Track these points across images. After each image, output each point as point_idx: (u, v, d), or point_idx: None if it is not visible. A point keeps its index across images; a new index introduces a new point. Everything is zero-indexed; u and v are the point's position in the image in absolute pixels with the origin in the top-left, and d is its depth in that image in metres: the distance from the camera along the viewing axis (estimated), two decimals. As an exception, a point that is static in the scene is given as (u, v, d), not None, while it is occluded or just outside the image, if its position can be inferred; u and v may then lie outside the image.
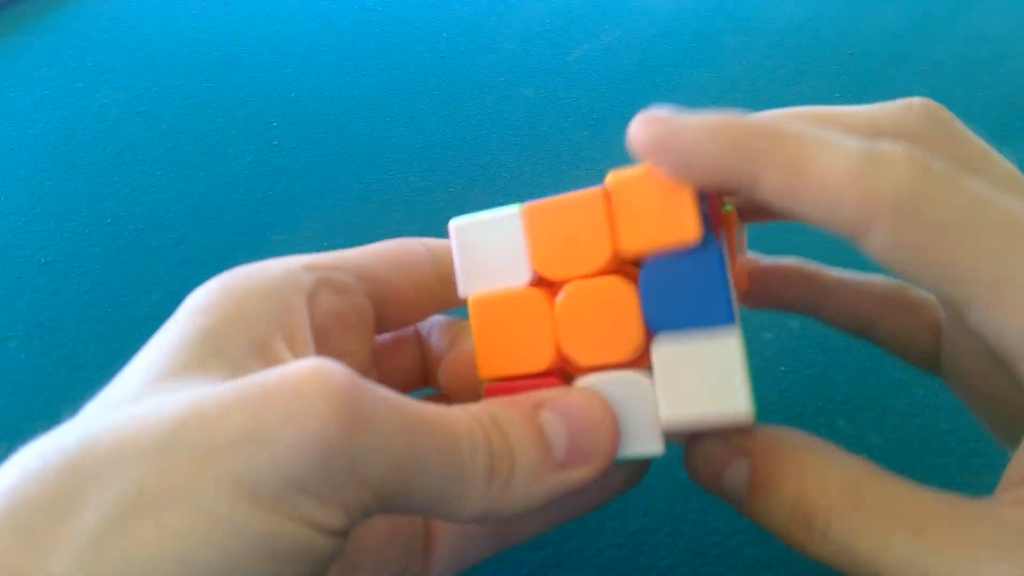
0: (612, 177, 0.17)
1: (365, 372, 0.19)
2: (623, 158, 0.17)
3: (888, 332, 0.20)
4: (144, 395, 0.14)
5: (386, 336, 0.21)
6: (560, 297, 0.17)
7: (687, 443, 0.18)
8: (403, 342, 0.21)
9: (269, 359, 0.15)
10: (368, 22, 0.53)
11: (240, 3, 0.55)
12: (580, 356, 0.17)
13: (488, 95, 0.46)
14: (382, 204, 0.38)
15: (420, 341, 0.21)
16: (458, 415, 0.15)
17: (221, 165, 0.41)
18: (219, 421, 0.13)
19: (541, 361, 0.17)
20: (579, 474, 0.16)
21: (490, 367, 0.17)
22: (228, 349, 0.15)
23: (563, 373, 0.17)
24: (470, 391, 0.19)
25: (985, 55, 0.50)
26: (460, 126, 0.43)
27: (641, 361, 0.16)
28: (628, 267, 0.17)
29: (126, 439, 0.13)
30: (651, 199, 0.16)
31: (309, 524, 0.13)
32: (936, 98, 0.17)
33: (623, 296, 0.16)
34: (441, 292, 0.19)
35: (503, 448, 0.15)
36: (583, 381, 0.17)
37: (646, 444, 0.16)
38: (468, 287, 0.18)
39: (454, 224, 0.18)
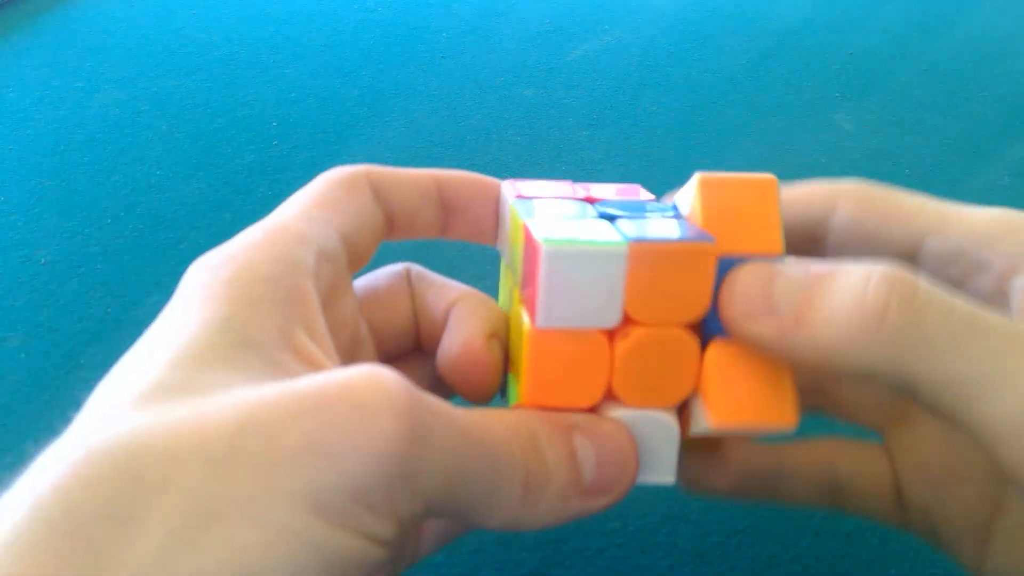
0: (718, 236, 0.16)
1: (358, 336, 0.19)
2: (623, 158, 0.17)
3: (852, 485, 0.20)
4: (178, 387, 0.13)
5: (379, 286, 0.20)
6: (627, 343, 0.16)
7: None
8: (395, 296, 0.20)
9: (296, 350, 0.15)
10: (368, 22, 0.53)
11: (240, 3, 0.55)
12: (630, 398, 0.17)
13: (488, 95, 0.46)
14: (382, 204, 0.38)
15: (412, 294, 0.20)
16: (500, 428, 0.15)
17: (221, 165, 0.41)
18: (282, 431, 0.12)
19: (589, 399, 0.17)
20: (600, 502, 0.16)
21: (535, 398, 0.17)
22: (256, 339, 0.14)
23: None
24: (476, 386, 0.19)
25: (985, 55, 0.50)
26: (460, 126, 0.43)
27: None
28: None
29: (186, 447, 0.12)
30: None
31: (367, 536, 0.13)
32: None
33: (688, 350, 0.16)
34: (386, 232, 0.19)
35: (539, 467, 0.15)
36: (614, 412, 0.17)
37: (661, 475, 0.17)
38: (550, 319, 0.16)
39: (549, 250, 0.16)
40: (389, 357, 0.20)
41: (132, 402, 0.13)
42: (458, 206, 0.20)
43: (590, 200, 0.19)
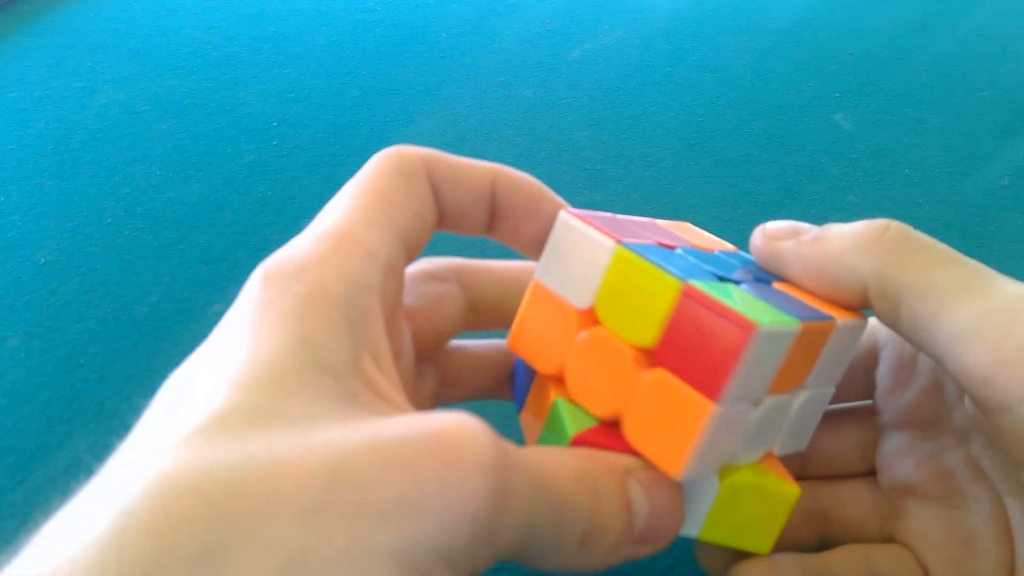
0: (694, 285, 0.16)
1: (403, 341, 0.19)
2: (623, 158, 0.17)
3: None
4: (261, 415, 0.13)
5: (426, 290, 0.20)
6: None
7: None
8: (442, 297, 0.20)
9: (365, 379, 0.14)
10: (368, 22, 0.53)
11: (240, 3, 0.55)
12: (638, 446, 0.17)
13: (488, 95, 0.46)
14: (382, 204, 0.38)
15: (464, 287, 0.21)
16: (567, 478, 0.15)
17: (221, 165, 0.41)
18: (375, 484, 0.12)
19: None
20: (646, 550, 0.17)
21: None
22: (332, 366, 0.14)
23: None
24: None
25: (985, 55, 0.50)
26: (460, 126, 0.43)
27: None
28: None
29: (278, 491, 0.12)
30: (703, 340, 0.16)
31: None
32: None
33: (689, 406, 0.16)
34: (436, 225, 0.19)
35: (599, 520, 0.16)
36: None
37: (689, 528, 0.18)
38: (543, 276, 0.18)
39: (563, 216, 0.18)
40: (418, 357, 0.20)
41: (210, 426, 0.13)
42: (509, 212, 0.19)
43: (667, 246, 0.19)
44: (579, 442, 0.17)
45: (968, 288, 0.17)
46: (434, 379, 0.21)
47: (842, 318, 0.18)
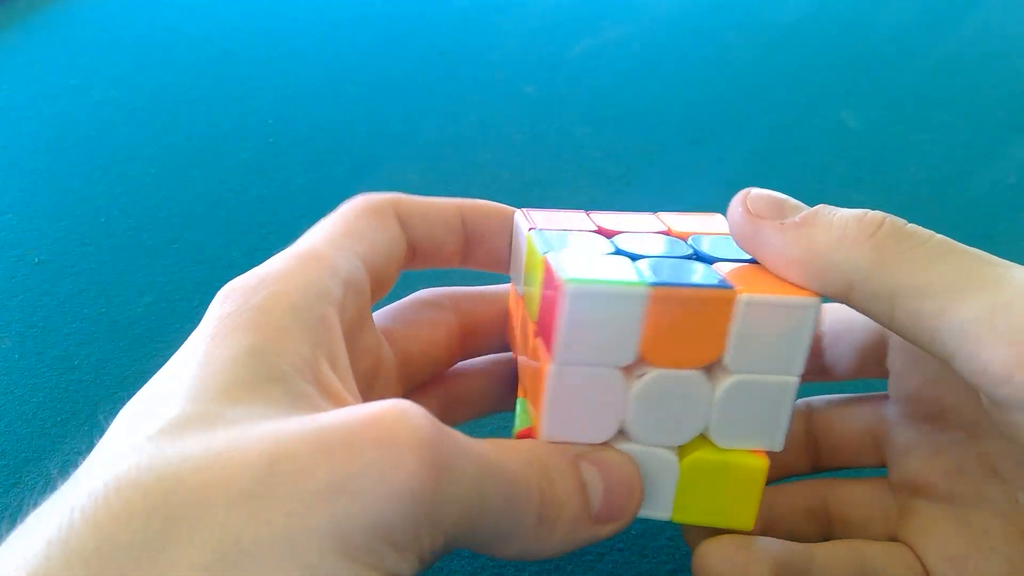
0: (743, 291, 0.17)
1: (379, 365, 0.19)
2: (624, 155, 0.17)
3: None
4: (204, 419, 0.13)
5: (418, 316, 0.21)
6: (640, 383, 0.17)
7: None
8: (432, 322, 0.21)
9: (319, 382, 0.15)
10: (366, 18, 0.53)
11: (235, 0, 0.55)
12: (642, 434, 0.18)
13: (488, 92, 0.45)
14: (380, 202, 0.38)
15: (457, 311, 0.21)
16: (516, 461, 0.16)
17: (216, 163, 0.40)
18: (309, 468, 0.13)
19: (603, 434, 0.17)
20: (608, 529, 0.17)
21: (551, 432, 0.17)
22: (280, 371, 0.14)
23: None
24: None
25: (992, 52, 0.50)
26: (459, 123, 0.43)
27: None
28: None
29: (215, 482, 0.12)
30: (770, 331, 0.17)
31: (389, 574, 0.13)
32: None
33: (700, 390, 0.17)
34: (409, 261, 0.20)
35: (552, 499, 0.16)
36: (620, 447, 0.18)
37: (659, 511, 0.18)
38: (568, 357, 0.17)
39: (572, 289, 0.16)
40: (414, 382, 0.21)
41: (158, 432, 0.13)
42: (479, 236, 0.20)
43: (605, 233, 0.19)
44: (522, 436, 0.18)
45: (974, 280, 0.15)
46: (438, 403, 0.22)
47: (780, 294, 0.17)
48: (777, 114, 0.45)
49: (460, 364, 0.23)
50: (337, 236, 0.18)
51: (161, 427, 0.13)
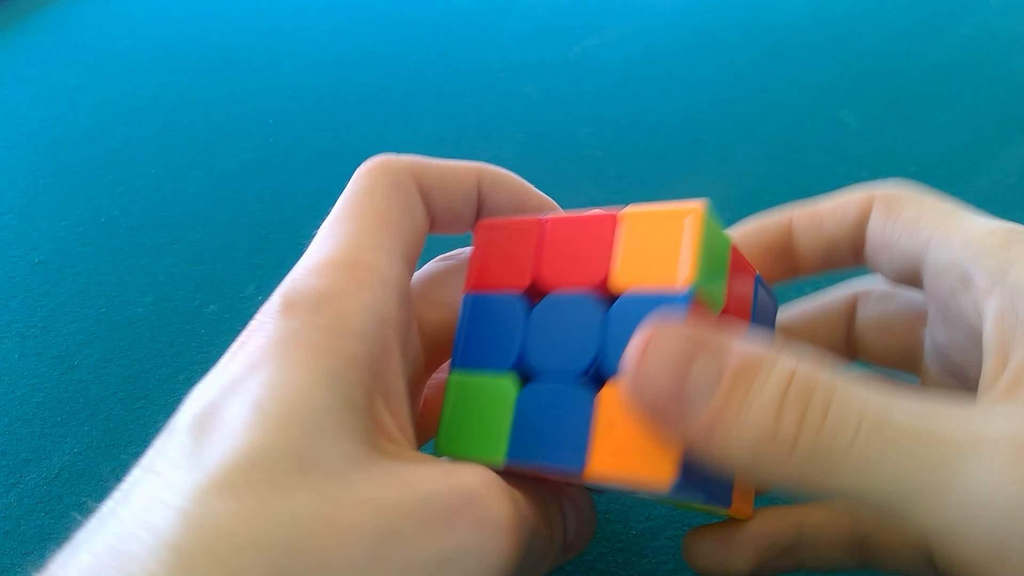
0: (627, 209, 0.17)
1: (419, 364, 0.19)
2: (625, 156, 0.17)
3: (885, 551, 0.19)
4: (301, 460, 0.13)
5: (439, 287, 0.20)
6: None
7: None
8: (454, 293, 0.20)
9: (379, 417, 0.15)
10: (366, 18, 0.53)
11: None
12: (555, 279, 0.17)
13: (488, 92, 0.45)
14: (380, 202, 0.38)
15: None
16: (534, 507, 0.16)
17: (216, 163, 0.40)
18: (414, 543, 0.13)
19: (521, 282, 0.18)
20: (571, 556, 0.19)
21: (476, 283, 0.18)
22: (357, 402, 0.14)
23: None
24: None
25: (992, 52, 0.50)
26: (459, 124, 0.43)
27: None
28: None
29: (328, 549, 0.12)
30: (655, 241, 0.16)
31: None
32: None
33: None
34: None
35: (548, 537, 0.17)
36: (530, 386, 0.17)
37: (573, 461, 0.17)
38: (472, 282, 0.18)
39: (480, 222, 0.18)
40: (434, 366, 0.21)
41: (252, 469, 0.13)
42: (494, 210, 0.20)
43: (534, 292, 0.18)
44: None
45: (927, 487, 0.13)
46: None
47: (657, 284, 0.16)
48: (777, 114, 0.45)
49: None
50: (377, 232, 0.17)
51: (250, 463, 0.13)
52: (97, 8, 0.54)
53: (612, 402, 0.16)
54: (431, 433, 0.19)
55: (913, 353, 0.21)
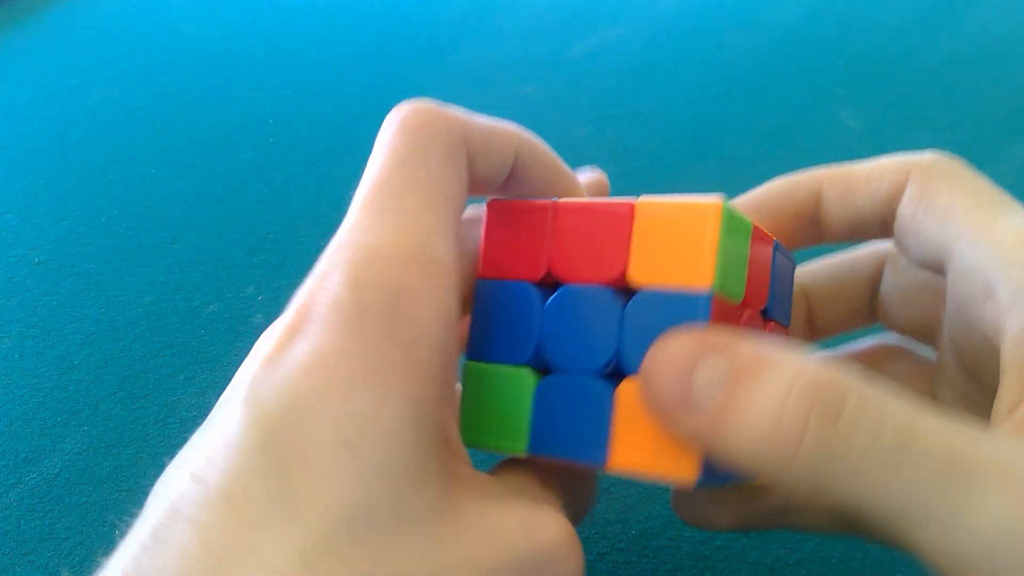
0: (642, 200, 0.16)
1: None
2: (625, 156, 0.17)
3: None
4: (393, 512, 0.12)
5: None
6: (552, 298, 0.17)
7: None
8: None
9: (451, 445, 0.15)
10: (365, 17, 0.53)
11: (237, -1, 0.55)
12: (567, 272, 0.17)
13: (487, 92, 0.45)
14: (380, 202, 0.38)
15: None
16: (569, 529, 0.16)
17: (216, 163, 0.40)
18: None
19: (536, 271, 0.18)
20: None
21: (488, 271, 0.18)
22: (434, 436, 0.13)
23: None
24: None
25: (992, 52, 0.50)
26: (459, 123, 0.43)
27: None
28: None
29: None
30: (672, 237, 0.16)
31: None
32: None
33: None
34: None
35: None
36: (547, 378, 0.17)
37: (594, 455, 0.17)
38: (487, 269, 0.18)
39: (491, 201, 0.18)
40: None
41: (347, 527, 0.12)
42: (523, 180, 0.19)
43: (548, 281, 0.18)
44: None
45: (941, 508, 0.13)
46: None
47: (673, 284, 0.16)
48: (777, 114, 0.44)
49: None
50: (440, 213, 0.15)
51: (355, 516, 0.12)
52: (97, 8, 0.54)
53: (632, 396, 0.16)
54: None
55: (932, 330, 0.20)
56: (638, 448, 0.15)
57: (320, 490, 0.12)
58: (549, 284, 0.17)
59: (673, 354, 0.14)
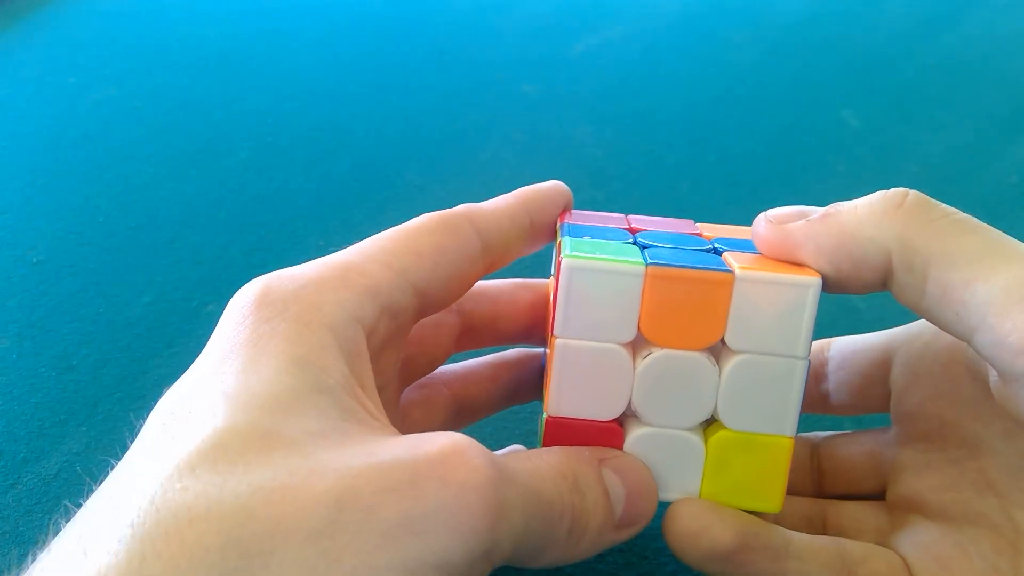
0: (742, 270, 0.17)
1: (392, 379, 0.19)
2: (625, 156, 0.17)
3: None
4: (263, 435, 0.13)
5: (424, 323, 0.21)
6: (646, 362, 0.18)
7: None
8: (438, 327, 0.21)
9: (356, 397, 0.15)
10: (365, 17, 0.53)
11: (237, -1, 0.55)
12: (650, 415, 0.18)
13: (488, 91, 0.45)
14: (379, 202, 0.38)
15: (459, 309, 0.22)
16: (551, 480, 0.16)
17: (215, 162, 0.40)
18: (376, 507, 0.13)
19: (612, 411, 0.18)
20: (628, 533, 0.18)
21: (558, 408, 0.18)
22: (327, 383, 0.15)
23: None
24: None
25: (994, 51, 0.50)
26: (459, 123, 0.43)
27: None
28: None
29: (285, 517, 0.12)
30: (769, 308, 0.17)
31: None
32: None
33: (706, 372, 0.18)
34: (483, 271, 0.20)
35: (582, 511, 0.17)
36: (640, 431, 0.18)
37: (685, 489, 0.19)
38: (567, 329, 0.18)
39: (569, 264, 0.17)
40: (410, 381, 0.21)
41: (215, 449, 0.13)
42: (541, 227, 0.21)
43: (633, 231, 0.20)
44: (551, 430, 0.18)
45: (1000, 254, 0.16)
46: (447, 413, 0.22)
47: (782, 273, 0.17)
48: (778, 113, 0.44)
49: (467, 369, 0.23)
50: (395, 253, 0.17)
51: (213, 444, 0.13)
52: (96, 8, 0.54)
53: (722, 442, 0.18)
54: None
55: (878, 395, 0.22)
56: (726, 488, 0.18)
57: (193, 430, 0.14)
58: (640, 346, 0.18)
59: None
